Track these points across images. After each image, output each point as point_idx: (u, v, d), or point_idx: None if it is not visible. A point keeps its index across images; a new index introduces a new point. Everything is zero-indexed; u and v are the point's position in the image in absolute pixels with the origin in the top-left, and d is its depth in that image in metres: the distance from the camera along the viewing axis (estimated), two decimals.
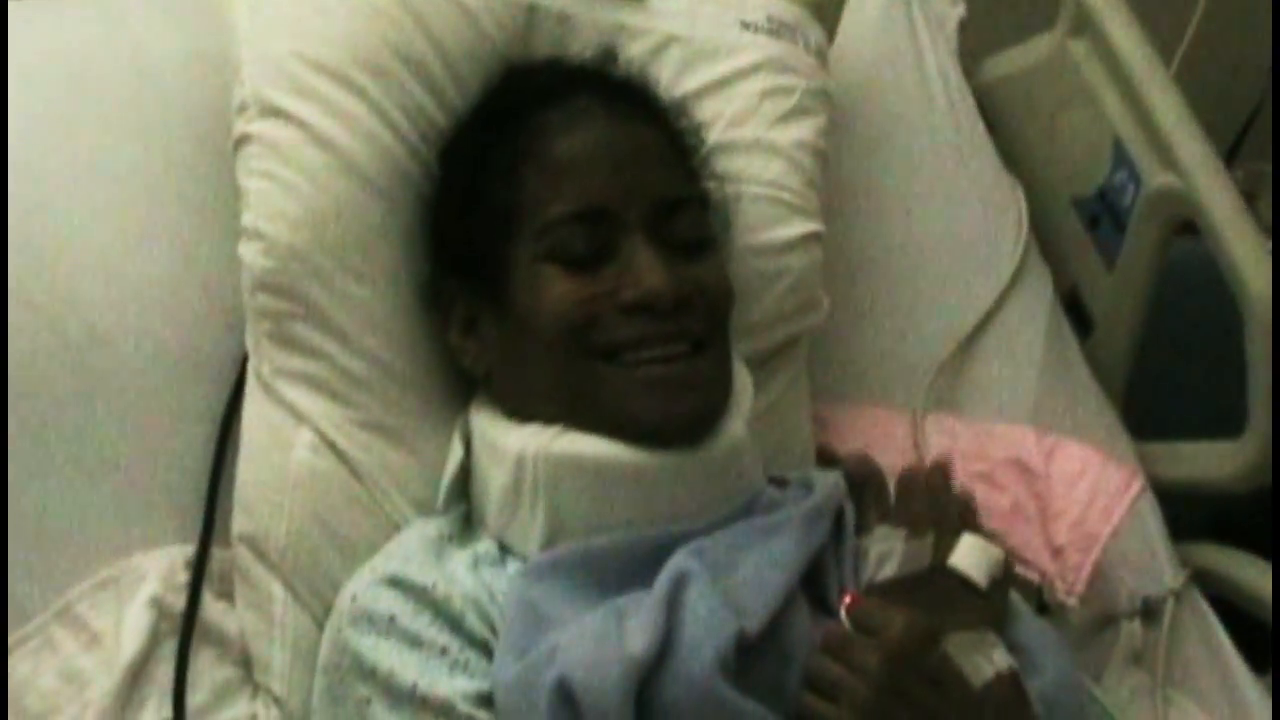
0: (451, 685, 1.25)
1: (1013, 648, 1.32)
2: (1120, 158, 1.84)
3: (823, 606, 1.34)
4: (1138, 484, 1.73)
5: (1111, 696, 1.61)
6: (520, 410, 1.38)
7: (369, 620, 1.30)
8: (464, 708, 1.24)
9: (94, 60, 1.58)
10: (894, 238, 1.80)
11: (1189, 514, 1.82)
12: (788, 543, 1.33)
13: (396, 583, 1.31)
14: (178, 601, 1.41)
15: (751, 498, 1.39)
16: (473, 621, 1.29)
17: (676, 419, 1.33)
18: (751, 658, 1.24)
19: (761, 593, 1.28)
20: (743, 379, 1.43)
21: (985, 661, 1.27)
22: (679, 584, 1.26)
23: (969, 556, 1.36)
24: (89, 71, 1.57)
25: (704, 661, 1.21)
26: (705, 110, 1.56)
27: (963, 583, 1.34)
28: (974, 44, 2.01)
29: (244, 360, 1.49)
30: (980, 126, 1.92)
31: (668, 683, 1.20)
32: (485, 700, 1.25)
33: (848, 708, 1.21)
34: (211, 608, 1.43)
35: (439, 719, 1.24)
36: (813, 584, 1.35)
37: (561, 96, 1.42)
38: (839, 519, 1.40)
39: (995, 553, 1.37)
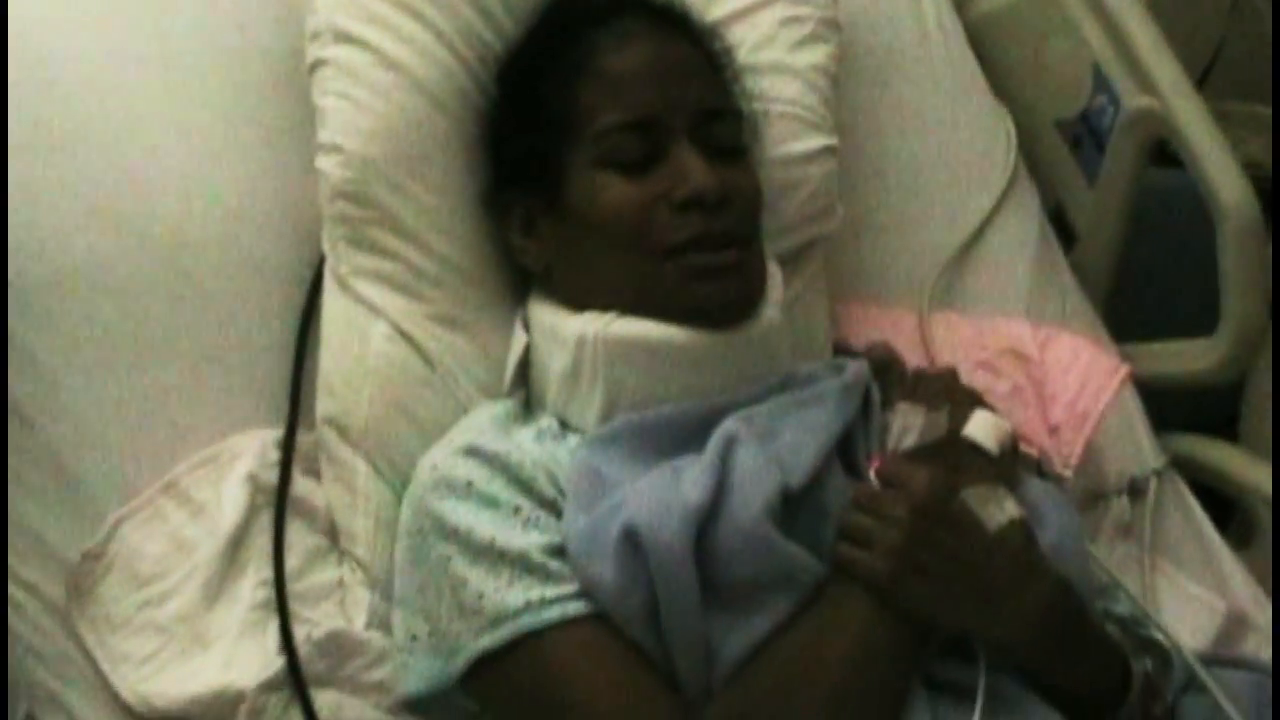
0: (526, 539, 1.39)
1: (1021, 506, 1.45)
2: (1100, 82, 1.98)
3: (854, 472, 1.48)
4: (1124, 370, 1.88)
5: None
6: (577, 301, 1.51)
7: (448, 486, 1.43)
8: (538, 557, 1.38)
9: None
10: (896, 157, 1.95)
11: (1162, 409, 1.98)
12: (824, 412, 1.47)
13: (473, 452, 1.44)
14: (270, 477, 1.55)
15: (787, 376, 1.53)
16: (542, 484, 1.43)
17: (723, 301, 1.48)
18: (793, 511, 1.39)
19: (802, 454, 1.42)
20: (774, 273, 1.58)
21: (998, 510, 1.40)
22: (729, 445, 1.41)
23: (981, 428, 1.49)
24: (166, 4, 1.71)
25: (754, 510, 1.35)
26: (730, 36, 1.70)
27: (976, 450, 1.48)
28: None
29: (319, 263, 1.63)
30: (970, 57, 2.07)
31: (722, 529, 1.35)
32: (557, 551, 1.39)
33: (879, 553, 1.36)
34: (300, 483, 1.57)
35: (515, 568, 1.38)
36: (845, 452, 1.49)
37: (611, 18, 1.55)
38: (866, 397, 1.54)
39: (1004, 424, 1.50)
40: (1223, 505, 1.95)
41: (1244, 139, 2.28)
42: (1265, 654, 1.70)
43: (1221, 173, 1.82)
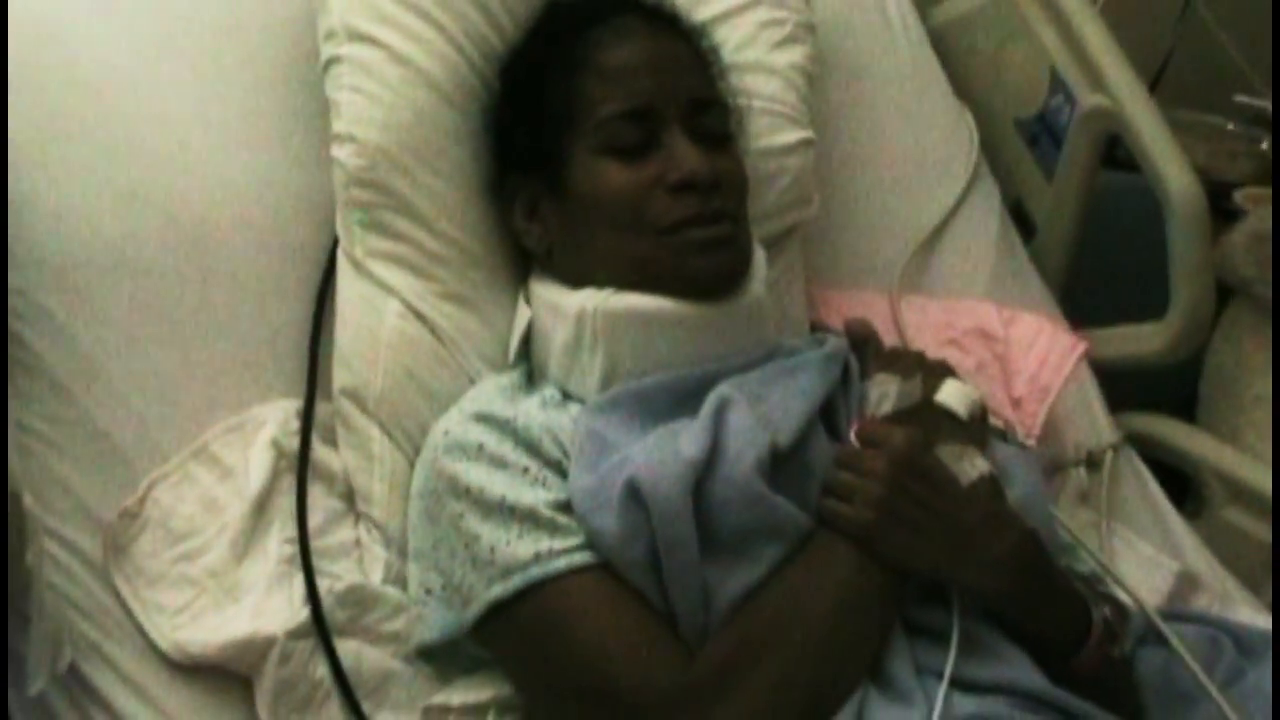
0: (534, 496, 1.49)
1: (990, 464, 1.56)
2: (1056, 84, 2.11)
3: (835, 436, 1.59)
4: (1082, 347, 2.00)
5: None
6: (577, 278, 1.62)
7: (461, 448, 1.53)
8: (546, 512, 1.48)
9: None
10: (867, 153, 2.08)
11: (1122, 391, 2.11)
12: (809, 379, 1.59)
13: (483, 418, 1.55)
14: (292, 444, 1.64)
15: (773, 347, 1.64)
16: (548, 446, 1.53)
17: (716, 272, 1.59)
18: (781, 468, 1.49)
19: (789, 416, 1.53)
20: (759, 252, 1.69)
21: (970, 466, 1.52)
22: (722, 407, 1.52)
23: (952, 394, 1.60)
24: (181, 5, 1.81)
25: (745, 465, 1.46)
26: (715, 36, 1.81)
27: (947, 415, 1.59)
28: None
29: (334, 245, 1.73)
30: (934, 60, 2.20)
31: (717, 483, 1.46)
32: (563, 507, 1.49)
33: (861, 505, 1.47)
34: (319, 450, 1.66)
35: (524, 522, 1.48)
36: (827, 417, 1.60)
37: (608, 16, 1.66)
38: (846, 367, 1.65)
39: (973, 392, 1.62)
40: (1178, 482, 2.08)
41: (1191, 146, 2.40)
42: (1215, 609, 1.83)
43: (1170, 165, 1.95)
